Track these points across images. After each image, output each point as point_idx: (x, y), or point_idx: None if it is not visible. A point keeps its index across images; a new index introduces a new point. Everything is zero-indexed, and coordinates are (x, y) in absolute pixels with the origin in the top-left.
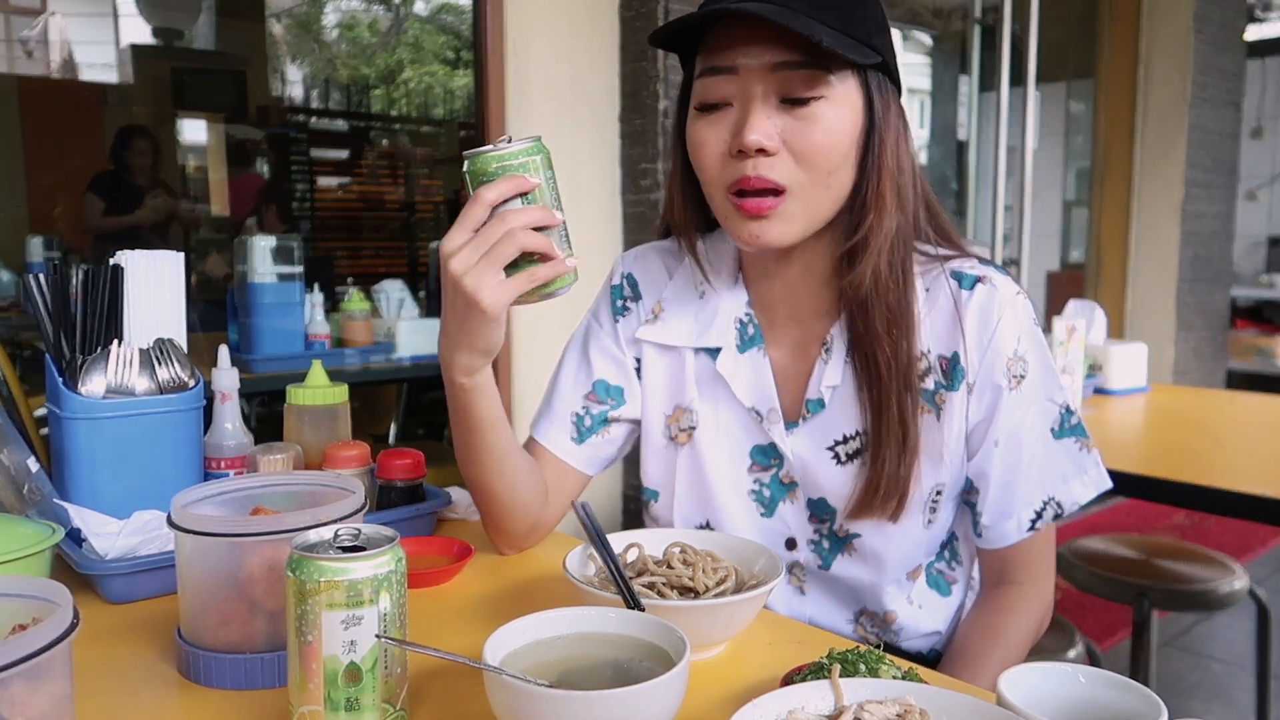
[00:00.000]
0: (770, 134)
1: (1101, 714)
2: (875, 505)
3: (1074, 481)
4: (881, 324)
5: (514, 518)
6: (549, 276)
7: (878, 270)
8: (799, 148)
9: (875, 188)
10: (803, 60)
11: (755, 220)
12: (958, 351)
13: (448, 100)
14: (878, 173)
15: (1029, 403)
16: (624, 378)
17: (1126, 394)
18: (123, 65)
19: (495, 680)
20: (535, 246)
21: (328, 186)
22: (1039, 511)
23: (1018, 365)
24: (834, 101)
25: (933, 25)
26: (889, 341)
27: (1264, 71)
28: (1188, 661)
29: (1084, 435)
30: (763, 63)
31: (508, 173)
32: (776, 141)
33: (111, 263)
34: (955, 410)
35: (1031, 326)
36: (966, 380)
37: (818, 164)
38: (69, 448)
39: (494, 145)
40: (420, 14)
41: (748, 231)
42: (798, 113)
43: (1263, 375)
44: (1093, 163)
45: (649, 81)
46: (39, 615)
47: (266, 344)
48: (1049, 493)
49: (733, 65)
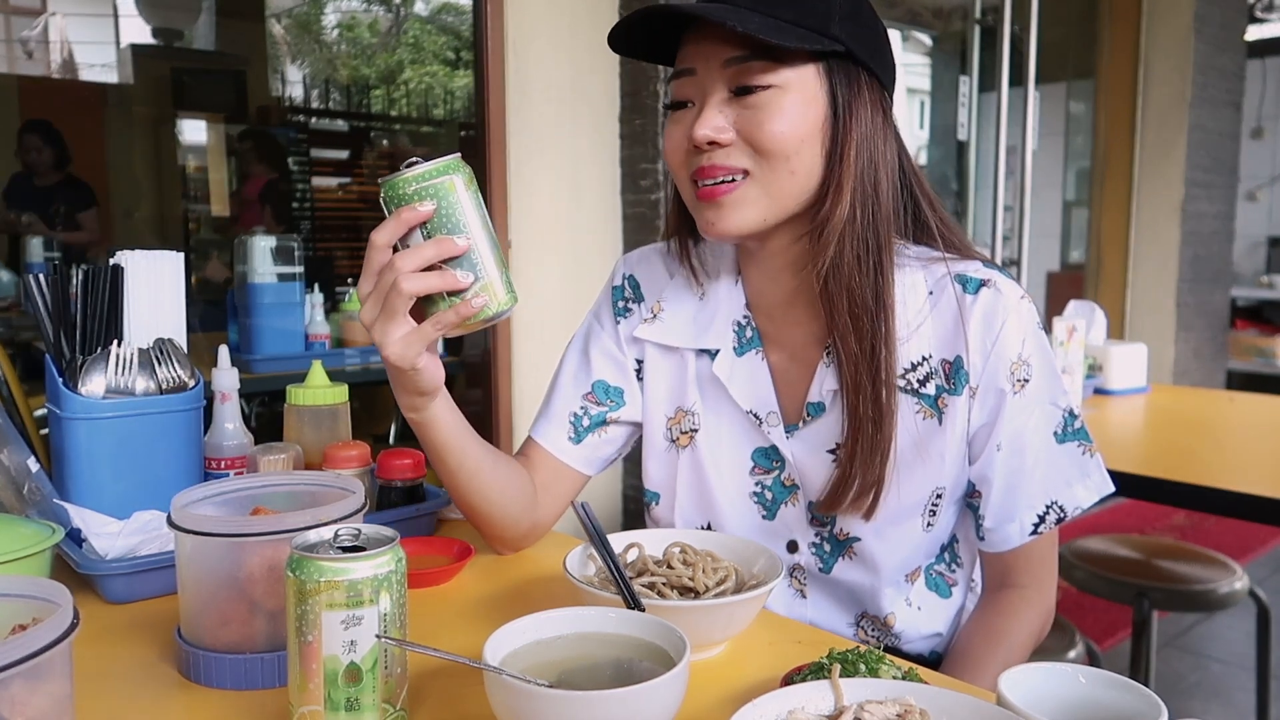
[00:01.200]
0: (721, 126)
1: (1101, 714)
2: (846, 501)
3: (1077, 485)
4: (849, 316)
5: (501, 526)
6: (454, 322)
7: (839, 260)
8: (752, 135)
9: (835, 174)
10: (749, 54)
11: (711, 207)
12: (960, 355)
13: (448, 100)
14: (840, 161)
15: (1032, 407)
16: (624, 379)
17: (1126, 394)
18: (123, 65)
19: (495, 680)
20: (427, 289)
21: (328, 186)
22: (1041, 515)
23: (1022, 369)
24: (787, 90)
25: (933, 25)
26: (856, 335)
27: (1264, 71)
28: (1188, 661)
29: (1087, 439)
30: (715, 61)
31: (420, 197)
32: (730, 133)
33: (111, 263)
34: (958, 414)
35: (1036, 331)
36: (969, 384)
37: (773, 150)
38: (69, 448)
39: (403, 168)
40: (420, 14)
41: (705, 220)
42: (748, 102)
43: (1263, 375)
44: (1093, 163)
45: (649, 81)
46: (39, 615)
47: (266, 344)
48: (1052, 496)
49: (691, 67)
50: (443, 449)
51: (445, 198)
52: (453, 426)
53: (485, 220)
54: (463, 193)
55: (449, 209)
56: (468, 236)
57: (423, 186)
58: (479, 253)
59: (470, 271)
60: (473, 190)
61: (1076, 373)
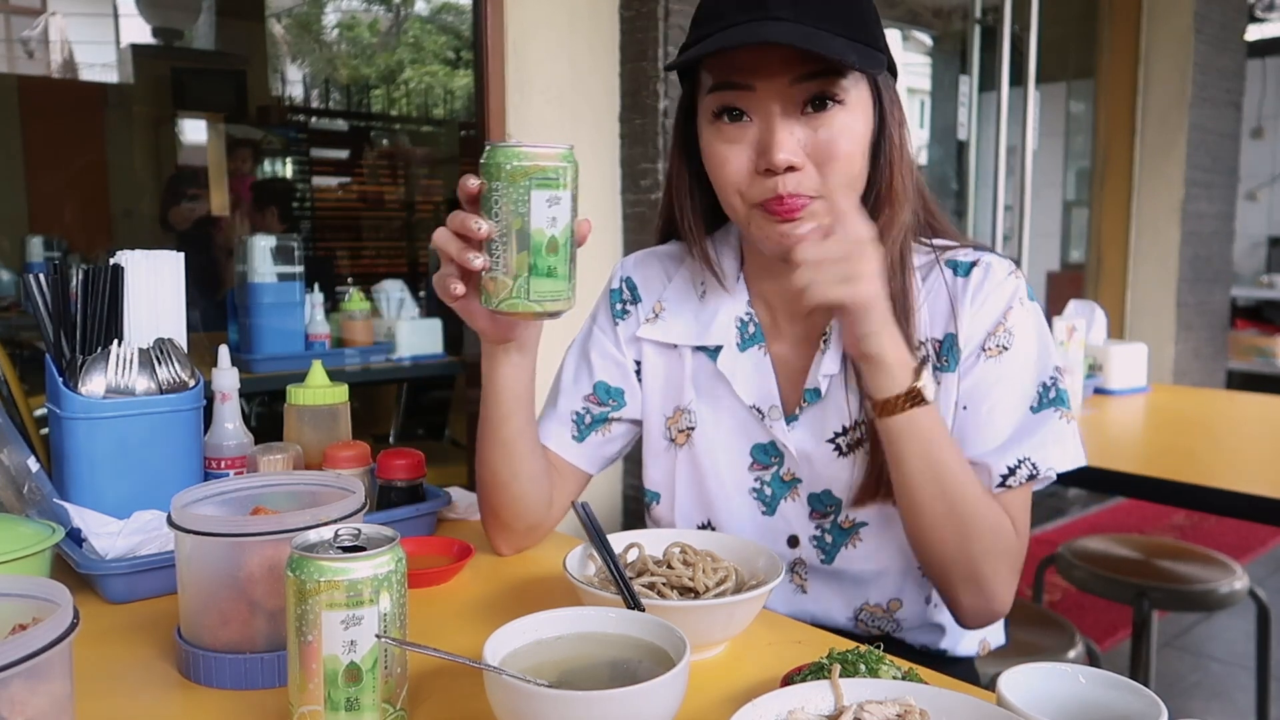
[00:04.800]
0: (795, 150)
1: (1101, 714)
2: (880, 493)
3: (1052, 447)
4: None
5: (513, 512)
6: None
7: (889, 261)
8: (823, 158)
9: (890, 182)
10: (818, 71)
11: (787, 223)
12: (951, 333)
13: (448, 100)
14: (890, 167)
15: (1008, 377)
16: (624, 380)
17: (1126, 394)
18: (123, 65)
19: (495, 680)
20: (437, 244)
21: (328, 186)
22: (1012, 468)
23: (1002, 336)
24: (850, 107)
25: (933, 25)
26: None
27: (1264, 71)
28: (1188, 661)
29: (1065, 406)
30: (780, 78)
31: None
32: (802, 156)
33: (111, 263)
34: (950, 390)
35: (1023, 302)
36: (961, 359)
37: (843, 171)
38: (69, 448)
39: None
40: (420, 14)
41: (779, 233)
42: (816, 123)
43: (1263, 375)
44: (1093, 163)
45: (649, 81)
46: (39, 615)
47: (266, 344)
48: (1025, 453)
49: (749, 84)
50: (492, 396)
51: (494, 183)
52: (509, 379)
53: (536, 225)
54: (514, 189)
55: (490, 194)
56: (494, 226)
57: (484, 163)
58: (501, 245)
59: (489, 258)
60: (540, 192)
61: (1076, 373)
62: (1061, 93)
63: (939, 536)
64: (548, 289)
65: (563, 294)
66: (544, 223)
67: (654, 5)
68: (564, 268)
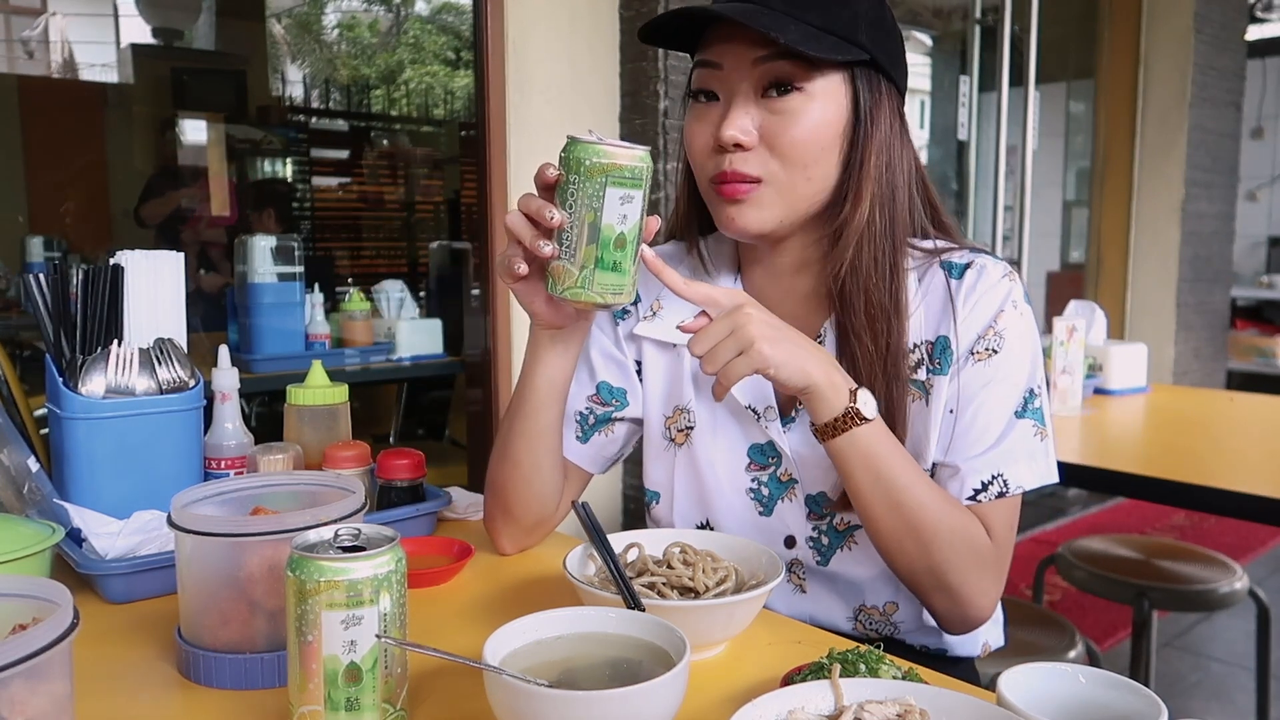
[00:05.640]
0: (747, 129)
1: (1101, 714)
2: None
3: (1023, 464)
4: (865, 317)
5: (524, 503)
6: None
7: (858, 262)
8: (774, 141)
9: (854, 181)
10: (780, 55)
11: (733, 204)
12: (945, 335)
13: (448, 100)
14: (859, 167)
15: (995, 378)
16: (626, 380)
17: (1126, 394)
18: (123, 65)
19: (495, 680)
20: (509, 225)
21: (328, 186)
22: (985, 483)
23: (992, 339)
24: (813, 96)
25: (933, 25)
26: (871, 335)
27: (1264, 71)
28: (1188, 661)
29: (1042, 422)
30: (744, 58)
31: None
32: (753, 136)
33: (111, 263)
34: (942, 392)
35: (1016, 307)
36: (954, 363)
37: (793, 157)
38: (69, 448)
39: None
40: (420, 14)
41: (726, 215)
42: (774, 106)
43: (1263, 375)
44: (1093, 163)
45: (649, 81)
46: (39, 615)
47: (266, 344)
48: (999, 468)
49: (718, 61)
50: (529, 386)
51: (571, 176)
52: (551, 368)
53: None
54: (590, 184)
55: (566, 185)
56: (566, 217)
57: (564, 156)
58: (571, 235)
59: (559, 246)
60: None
61: (1076, 373)
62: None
63: (899, 549)
64: (611, 282)
65: (624, 288)
66: (615, 219)
67: (654, 4)
68: (628, 263)
